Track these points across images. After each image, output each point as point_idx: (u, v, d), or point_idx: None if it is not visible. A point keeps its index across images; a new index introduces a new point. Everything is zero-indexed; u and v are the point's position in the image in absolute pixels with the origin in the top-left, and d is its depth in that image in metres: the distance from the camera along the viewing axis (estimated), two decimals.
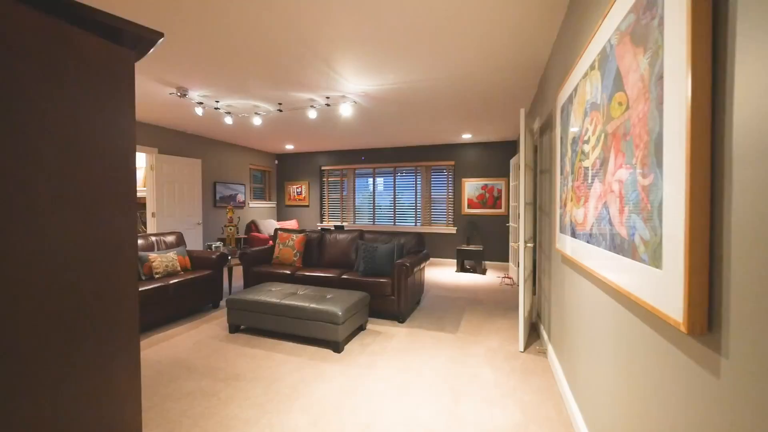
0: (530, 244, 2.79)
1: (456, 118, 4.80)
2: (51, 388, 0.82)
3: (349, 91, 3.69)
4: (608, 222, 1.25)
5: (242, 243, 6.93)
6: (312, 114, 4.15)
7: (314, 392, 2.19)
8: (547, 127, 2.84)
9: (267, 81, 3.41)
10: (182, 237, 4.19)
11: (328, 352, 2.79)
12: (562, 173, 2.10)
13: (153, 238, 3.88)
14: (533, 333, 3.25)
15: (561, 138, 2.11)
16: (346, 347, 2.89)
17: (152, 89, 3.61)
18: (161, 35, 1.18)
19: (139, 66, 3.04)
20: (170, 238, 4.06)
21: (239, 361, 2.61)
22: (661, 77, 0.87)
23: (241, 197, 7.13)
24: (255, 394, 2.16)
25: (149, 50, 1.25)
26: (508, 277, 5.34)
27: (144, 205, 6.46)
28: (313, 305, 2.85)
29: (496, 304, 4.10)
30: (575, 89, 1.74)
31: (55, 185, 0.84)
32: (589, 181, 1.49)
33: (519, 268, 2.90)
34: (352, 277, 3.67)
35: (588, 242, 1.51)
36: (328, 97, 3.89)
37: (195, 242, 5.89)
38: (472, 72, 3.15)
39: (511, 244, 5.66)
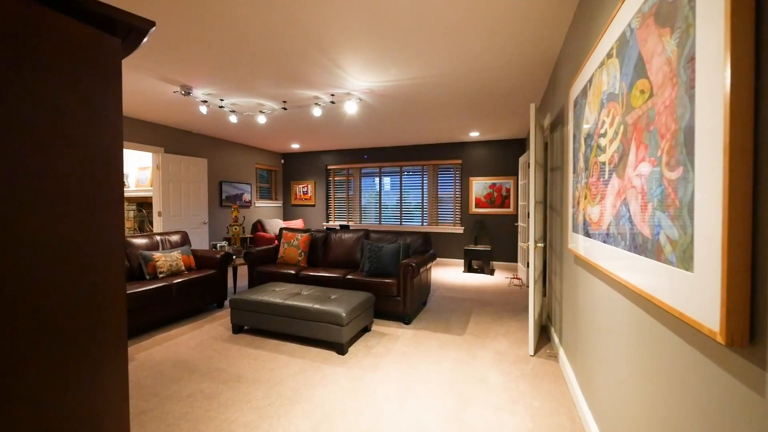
0: (541, 244, 2.69)
1: (463, 115, 4.71)
2: (27, 400, 0.76)
3: (354, 89, 3.63)
4: (628, 220, 1.16)
5: (248, 242, 6.92)
6: (317, 112, 4.09)
7: (316, 395, 2.12)
8: (559, 122, 2.73)
9: (271, 79, 3.36)
10: (187, 236, 4.17)
11: (332, 353, 2.73)
12: (575, 170, 2.00)
13: (158, 238, 3.87)
14: (543, 336, 3.15)
15: (574, 133, 2.01)
16: (351, 349, 2.83)
17: (156, 87, 3.59)
18: (152, 24, 1.12)
19: (142, 64, 3.02)
20: (175, 238, 4.04)
21: (241, 363, 2.56)
22: (692, 58, 0.79)
23: (247, 197, 7.12)
24: (256, 397, 2.11)
25: (141, 41, 1.20)
26: (516, 278, 5.22)
27: (150, 205, 6.49)
28: (316, 306, 2.80)
29: (504, 306, 4.00)
30: (590, 80, 1.65)
31: (33, 180, 0.79)
32: (606, 176, 1.40)
33: (529, 269, 2.80)
34: (357, 278, 3.60)
35: (604, 242, 1.42)
36: (332, 95, 3.83)
37: (201, 242, 5.89)
38: (480, 67, 3.06)
39: (519, 244, 5.54)
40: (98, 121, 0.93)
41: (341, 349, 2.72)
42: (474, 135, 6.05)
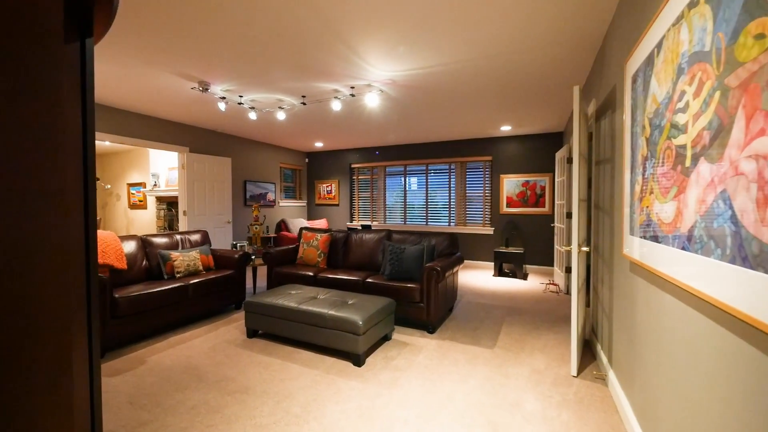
0: (586, 248, 2.33)
1: (494, 107, 4.35)
2: None
3: (374, 79, 3.40)
4: (729, 221, 0.84)
5: (272, 242, 6.89)
6: (336, 106, 3.91)
7: (327, 414, 1.91)
8: (607, 108, 2.36)
9: (289, 72, 3.20)
10: (207, 235, 4.12)
11: (347, 364, 2.52)
12: (633, 161, 1.66)
13: (178, 237, 3.83)
14: (587, 352, 2.76)
15: (632, 115, 1.67)
16: (368, 360, 2.60)
17: (174, 84, 3.54)
18: None
19: (159, 59, 2.94)
20: (195, 237, 4.00)
21: (252, 371, 2.40)
22: None
23: (271, 196, 7.10)
24: (262, 412, 1.93)
25: (110, 7, 1.02)
26: (553, 284, 4.79)
27: (177, 204, 6.61)
28: (331, 312, 2.59)
29: (539, 315, 3.62)
30: (659, 44, 1.31)
31: None
32: (687, 163, 1.07)
33: (571, 277, 2.45)
34: (378, 281, 3.37)
35: (683, 249, 1.09)
36: (352, 87, 3.62)
37: (225, 241, 5.90)
38: (514, 50, 2.73)
39: (556, 246, 5.09)
40: (27, 93, 0.75)
41: (358, 360, 2.49)
42: (505, 129, 5.65)
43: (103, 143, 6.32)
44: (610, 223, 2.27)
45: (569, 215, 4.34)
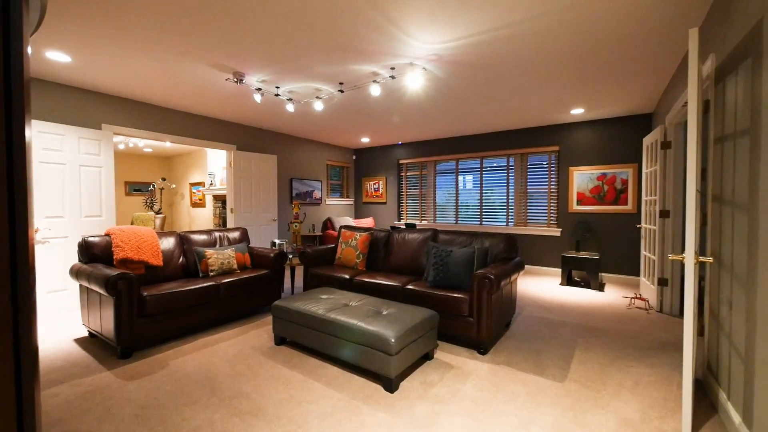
0: (707, 258, 1.65)
1: (563, 83, 3.64)
2: None
3: (417, 56, 2.95)
4: None
5: (317, 241, 6.77)
6: (375, 91, 3.52)
7: None
8: (742, 59, 1.65)
9: (324, 53, 2.90)
10: (246, 233, 4.01)
11: (378, 388, 2.11)
12: None
13: (216, 234, 3.76)
14: (698, 396, 2.03)
15: None
16: (403, 384, 2.17)
17: (210, 77, 3.44)
18: None
19: (191, 49, 2.82)
20: (234, 234, 3.90)
21: (269, 387, 2.11)
22: None
23: (317, 194, 6.98)
24: None
25: None
26: (640, 298, 3.90)
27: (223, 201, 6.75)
28: (361, 324, 2.21)
29: (625, 339, 2.88)
30: None
31: None
32: None
33: (685, 298, 1.79)
34: (419, 289, 2.92)
35: None
36: (392, 68, 3.21)
37: (270, 239, 5.87)
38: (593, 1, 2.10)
39: (643, 252, 4.17)
40: None
41: (389, 385, 2.08)
42: (577, 113, 4.81)
43: (164, 144, 6.70)
44: (748, 224, 1.56)
45: (665, 213, 3.46)
